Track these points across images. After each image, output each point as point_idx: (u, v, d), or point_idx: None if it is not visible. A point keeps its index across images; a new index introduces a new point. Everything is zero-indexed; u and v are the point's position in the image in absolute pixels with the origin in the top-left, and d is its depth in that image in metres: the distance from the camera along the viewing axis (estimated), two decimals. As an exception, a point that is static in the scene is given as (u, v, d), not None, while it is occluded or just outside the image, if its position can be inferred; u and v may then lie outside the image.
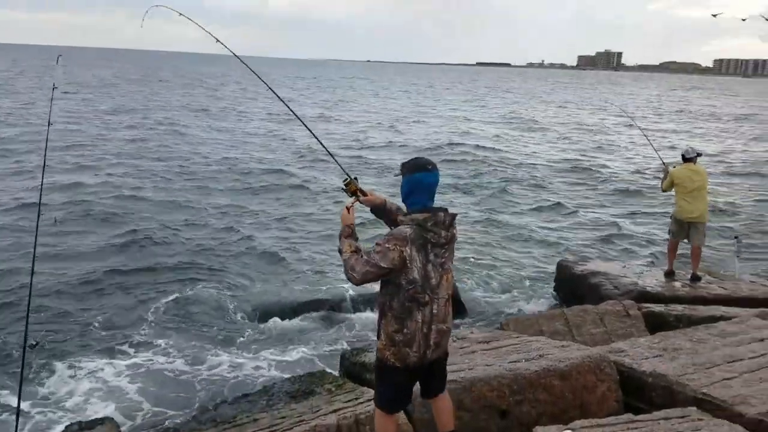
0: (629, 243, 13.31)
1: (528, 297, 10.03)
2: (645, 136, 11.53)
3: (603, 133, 36.04)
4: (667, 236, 9.50)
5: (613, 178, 21.20)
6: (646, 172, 22.17)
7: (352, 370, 5.60)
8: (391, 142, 28.46)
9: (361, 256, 3.29)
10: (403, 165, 3.45)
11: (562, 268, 10.01)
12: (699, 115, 55.11)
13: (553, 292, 10.02)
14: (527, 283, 10.72)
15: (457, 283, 10.15)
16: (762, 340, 5.43)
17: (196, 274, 10.46)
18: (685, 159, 8.85)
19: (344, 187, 3.72)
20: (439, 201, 3.47)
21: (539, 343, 5.51)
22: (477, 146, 27.22)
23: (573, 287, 9.44)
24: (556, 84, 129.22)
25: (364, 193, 3.68)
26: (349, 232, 3.47)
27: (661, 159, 9.75)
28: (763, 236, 13.72)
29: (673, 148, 27.06)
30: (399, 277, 3.26)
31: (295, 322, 8.80)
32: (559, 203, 16.91)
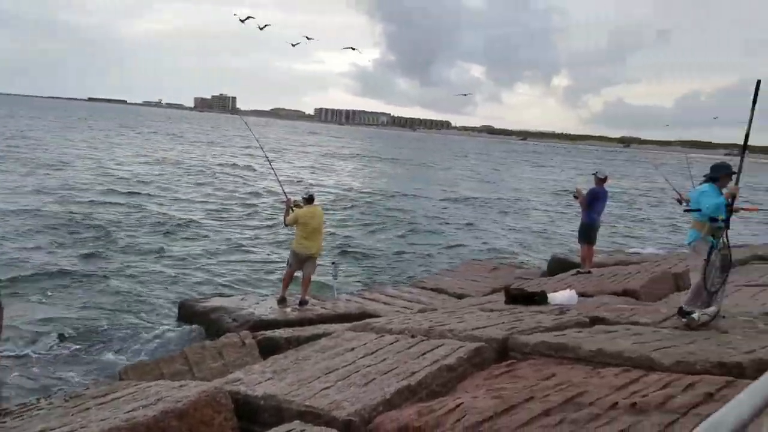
0: (255, 275, 14.14)
1: (150, 340, 9.73)
2: (275, 174, 12.48)
3: (248, 170, 37.86)
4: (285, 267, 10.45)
5: (244, 215, 22.31)
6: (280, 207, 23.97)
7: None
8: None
9: None
10: None
11: (184, 306, 10.07)
12: (321, 154, 62.81)
13: (177, 332, 9.96)
14: (149, 326, 10.39)
15: (69, 332, 9.31)
16: (353, 349, 6.44)
17: None
18: (307, 200, 9.97)
19: None
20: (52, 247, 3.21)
21: (158, 387, 5.49)
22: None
23: (197, 324, 9.60)
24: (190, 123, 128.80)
25: None
26: None
27: (285, 195, 10.66)
28: (351, 260, 16.17)
29: (299, 182, 30.11)
30: None
31: None
32: (189, 240, 16.95)
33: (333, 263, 12.12)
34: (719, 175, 6.58)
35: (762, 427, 1.82)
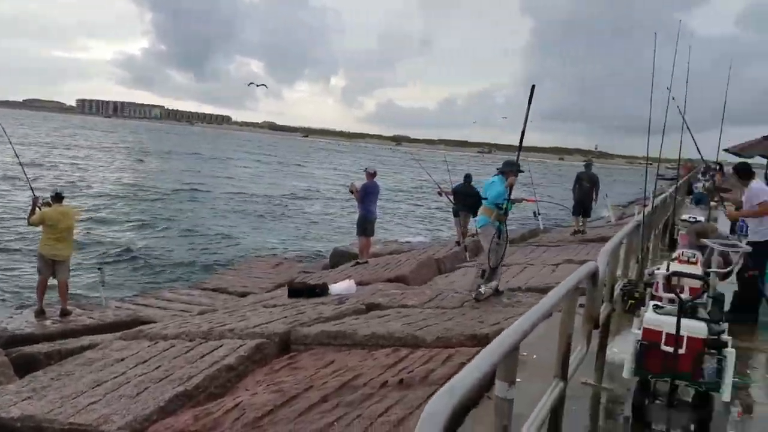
0: (6, 285, 12.36)
1: None
2: (23, 169, 10.99)
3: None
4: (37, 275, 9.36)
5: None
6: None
7: None
8: None
9: None
10: None
11: None
12: (93, 149, 56.76)
13: None
14: None
15: None
16: (123, 359, 6.03)
17: None
18: (55, 198, 9.05)
19: None
20: None
21: None
22: None
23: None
24: None
25: None
26: None
27: (33, 192, 9.51)
28: (122, 264, 15.04)
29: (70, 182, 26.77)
30: None
31: None
32: None
33: (99, 268, 11.16)
34: (507, 170, 7.55)
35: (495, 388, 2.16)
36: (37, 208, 9.02)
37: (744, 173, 6.92)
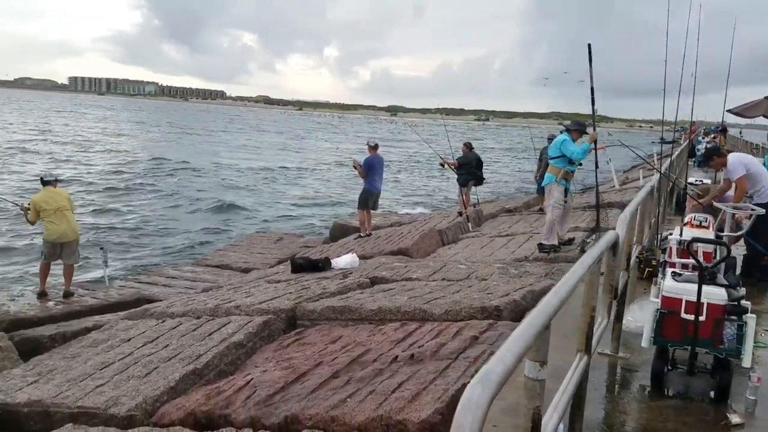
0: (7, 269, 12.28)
1: None
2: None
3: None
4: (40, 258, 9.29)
5: None
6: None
7: None
8: None
9: None
10: None
11: None
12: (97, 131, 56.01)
13: None
14: None
15: None
16: (130, 339, 5.97)
17: None
18: (44, 183, 8.98)
19: None
20: None
21: None
22: None
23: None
24: None
25: None
26: None
27: (16, 204, 9.53)
28: (124, 242, 14.93)
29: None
30: None
31: None
32: None
33: (101, 247, 11.06)
34: (575, 128, 7.95)
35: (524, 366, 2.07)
36: (27, 210, 8.90)
37: (709, 156, 6.93)
